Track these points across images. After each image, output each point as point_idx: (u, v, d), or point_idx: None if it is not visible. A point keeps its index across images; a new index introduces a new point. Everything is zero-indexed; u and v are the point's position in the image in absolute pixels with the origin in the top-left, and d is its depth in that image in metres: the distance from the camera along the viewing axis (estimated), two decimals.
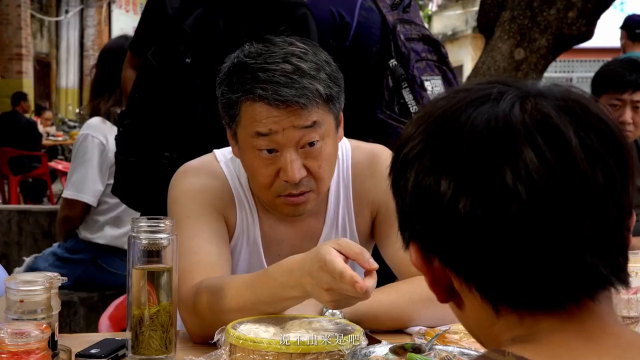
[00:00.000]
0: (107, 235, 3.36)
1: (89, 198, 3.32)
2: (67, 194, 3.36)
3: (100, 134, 3.31)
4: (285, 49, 1.58)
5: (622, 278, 0.79)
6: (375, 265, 1.37)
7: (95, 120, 3.34)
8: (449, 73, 2.70)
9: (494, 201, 0.76)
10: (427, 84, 2.61)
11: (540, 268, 0.76)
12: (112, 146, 3.27)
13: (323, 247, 1.38)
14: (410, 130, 0.85)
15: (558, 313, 0.78)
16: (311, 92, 1.55)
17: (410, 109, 2.56)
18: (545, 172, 0.75)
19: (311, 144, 1.58)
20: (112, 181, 3.29)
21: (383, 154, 1.80)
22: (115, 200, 3.32)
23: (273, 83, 1.54)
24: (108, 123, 3.33)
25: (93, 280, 3.39)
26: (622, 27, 5.73)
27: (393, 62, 2.57)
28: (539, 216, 0.75)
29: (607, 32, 5.94)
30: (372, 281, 1.35)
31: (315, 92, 1.55)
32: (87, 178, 3.30)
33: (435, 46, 2.70)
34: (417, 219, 0.82)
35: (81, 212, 3.35)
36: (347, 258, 1.36)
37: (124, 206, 3.33)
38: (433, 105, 0.85)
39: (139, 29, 2.67)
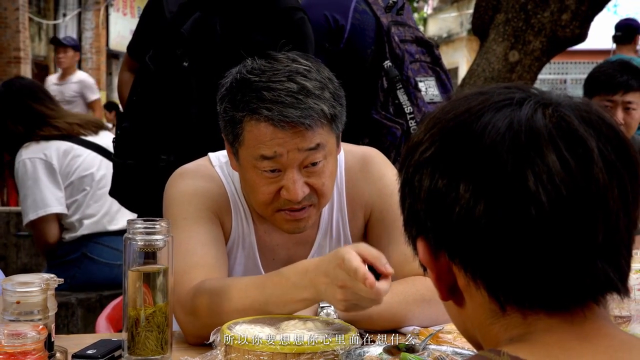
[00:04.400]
0: (86, 225, 3.36)
1: (57, 207, 3.30)
2: (32, 216, 3.29)
3: (34, 152, 3.30)
4: (289, 66, 1.56)
5: (626, 284, 0.81)
6: (391, 271, 1.39)
7: (24, 146, 3.32)
8: (442, 74, 2.72)
9: (514, 203, 0.77)
10: (421, 85, 2.64)
11: (553, 270, 0.78)
12: (52, 153, 3.28)
13: (343, 248, 1.42)
14: (422, 131, 0.86)
15: (560, 314, 0.80)
16: (316, 113, 1.54)
17: (405, 109, 2.59)
18: (566, 178, 0.76)
19: (314, 164, 1.58)
20: (68, 181, 3.28)
21: (374, 157, 1.81)
22: (80, 194, 3.33)
23: (278, 103, 1.52)
24: (34, 142, 3.31)
25: (89, 276, 3.38)
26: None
27: (388, 63, 2.59)
28: (556, 220, 0.76)
29: (600, 34, 5.96)
30: (385, 284, 1.37)
31: (320, 113, 1.55)
32: (44, 193, 3.28)
33: (429, 48, 2.73)
34: (429, 217, 0.83)
35: (55, 225, 3.33)
36: (364, 261, 1.38)
37: (89, 195, 3.33)
38: (444, 108, 0.86)
39: (136, 33, 2.69)
